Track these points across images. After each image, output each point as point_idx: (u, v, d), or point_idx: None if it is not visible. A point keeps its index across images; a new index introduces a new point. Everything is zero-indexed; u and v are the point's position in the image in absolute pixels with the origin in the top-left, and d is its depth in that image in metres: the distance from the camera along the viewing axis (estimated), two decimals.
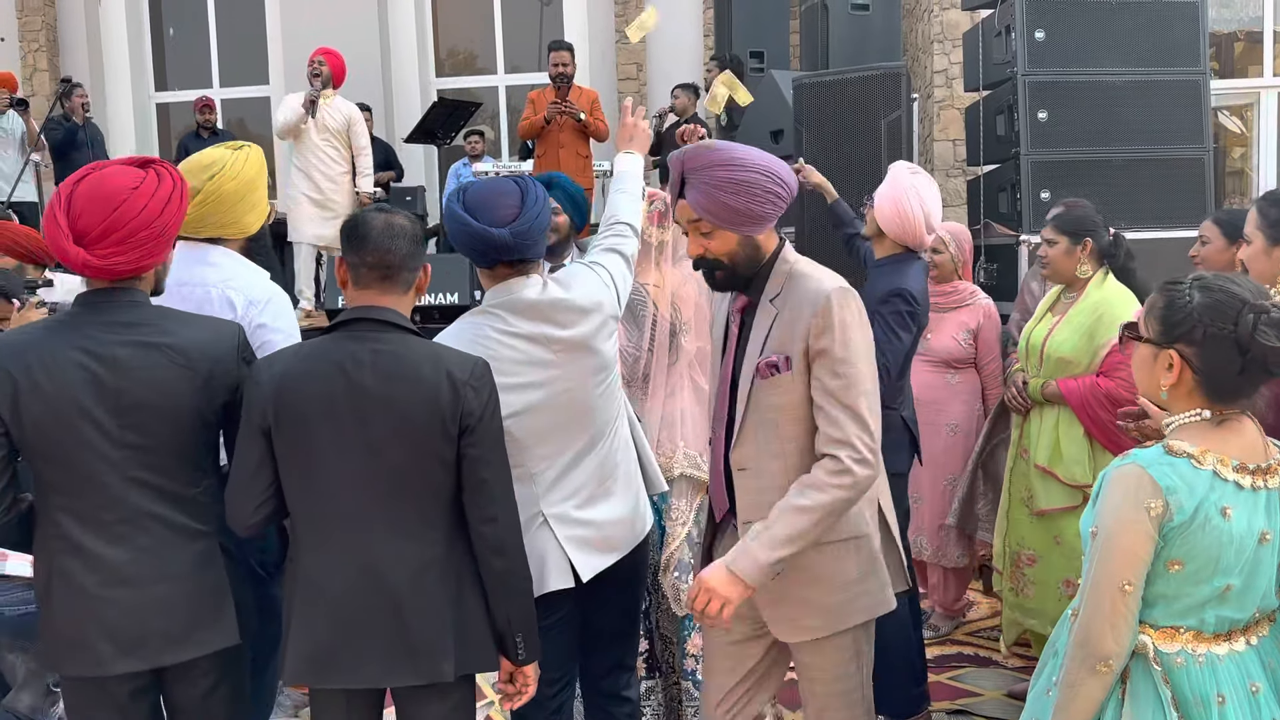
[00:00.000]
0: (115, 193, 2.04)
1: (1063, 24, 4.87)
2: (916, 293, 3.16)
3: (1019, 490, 3.55)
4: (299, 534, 2.08)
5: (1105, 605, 1.78)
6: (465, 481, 2.07)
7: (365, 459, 2.02)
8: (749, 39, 7.66)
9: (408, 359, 2.04)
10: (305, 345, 2.11)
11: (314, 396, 2.01)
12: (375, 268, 2.08)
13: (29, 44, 10.58)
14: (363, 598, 2.03)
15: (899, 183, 3.22)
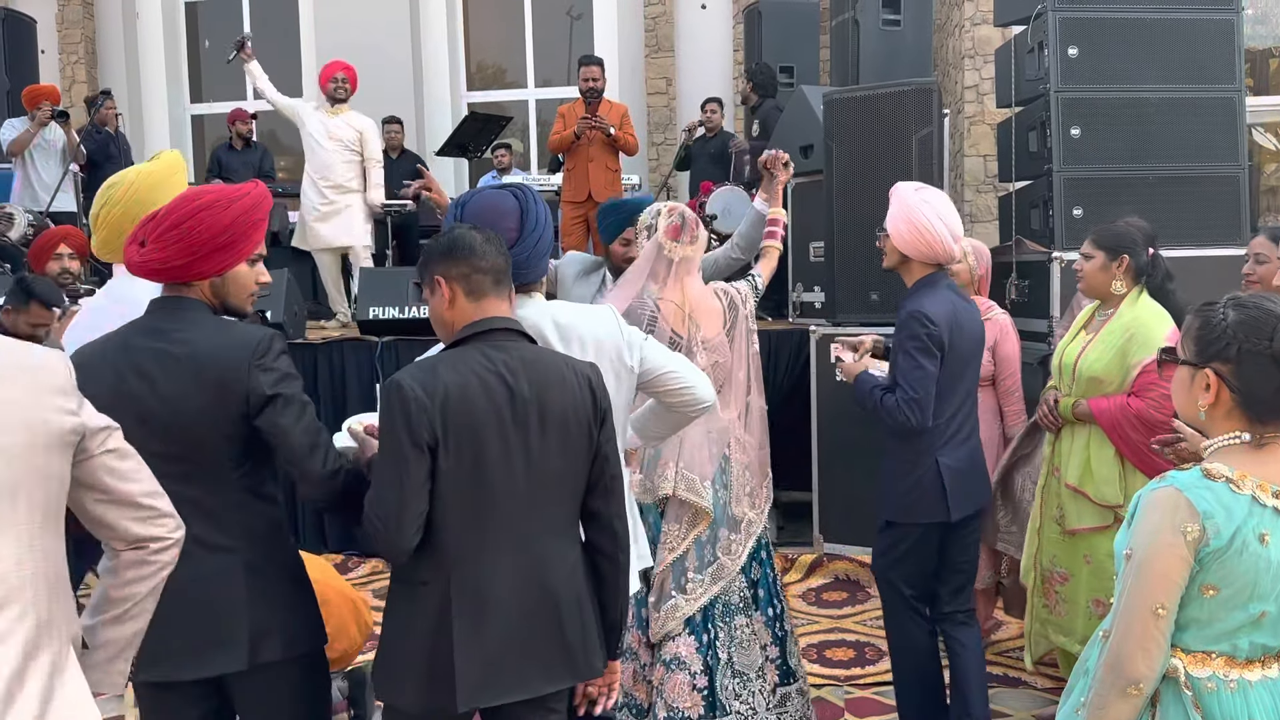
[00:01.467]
0: (185, 198, 2.12)
1: (1096, 41, 4.84)
2: (934, 313, 3.02)
3: (1050, 508, 3.52)
4: (452, 549, 2.04)
5: (1137, 628, 1.77)
6: (598, 479, 2.15)
7: (527, 464, 2.06)
8: (779, 54, 7.66)
9: (550, 365, 2.12)
10: (443, 358, 2.09)
11: (483, 408, 2.03)
12: (489, 273, 2.12)
13: (68, 56, 10.77)
14: (529, 603, 2.06)
15: (906, 200, 3.13)
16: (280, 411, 2.08)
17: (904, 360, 3.03)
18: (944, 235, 3.08)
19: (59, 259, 4.61)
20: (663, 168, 9.67)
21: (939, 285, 3.13)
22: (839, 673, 4.09)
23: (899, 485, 3.15)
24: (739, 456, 3.24)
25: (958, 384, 3.14)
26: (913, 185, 3.22)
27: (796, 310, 6.03)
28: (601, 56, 7.74)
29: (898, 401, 3.03)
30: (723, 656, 3.16)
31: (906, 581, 3.22)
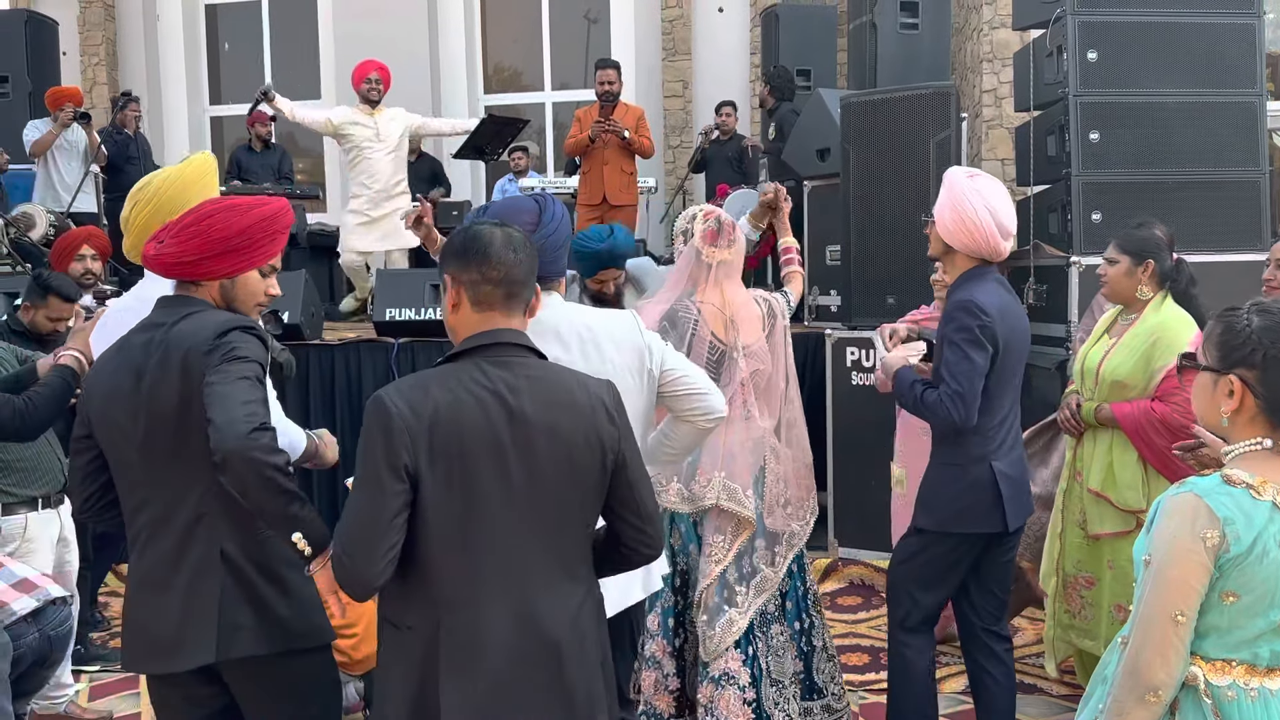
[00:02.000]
0: (209, 204, 2.14)
1: (1116, 45, 4.82)
2: (988, 304, 2.81)
3: (1073, 513, 3.50)
4: (440, 590, 1.82)
5: (1156, 635, 1.75)
6: (626, 507, 1.95)
7: (528, 494, 1.83)
8: (796, 57, 7.66)
9: (560, 385, 1.89)
10: (435, 374, 1.86)
11: (477, 430, 1.80)
12: (501, 284, 1.89)
13: (89, 58, 10.85)
14: (526, 652, 1.83)
15: (956, 187, 2.90)
16: (215, 372, 1.98)
17: (951, 352, 2.82)
18: (990, 229, 2.86)
19: (81, 260, 4.65)
20: (679, 171, 9.67)
21: (987, 278, 2.92)
22: (853, 678, 4.08)
23: (947, 491, 2.93)
24: (774, 466, 3.20)
25: (1010, 384, 2.94)
26: (966, 171, 2.99)
27: (812, 314, 6.02)
28: (618, 60, 7.75)
29: (940, 396, 2.83)
30: (764, 665, 3.15)
31: (926, 595, 3.01)
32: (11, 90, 8.13)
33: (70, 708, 3.85)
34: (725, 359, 3.10)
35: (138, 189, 2.45)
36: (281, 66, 11.21)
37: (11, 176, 7.64)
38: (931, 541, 2.97)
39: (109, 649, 4.51)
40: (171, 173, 2.47)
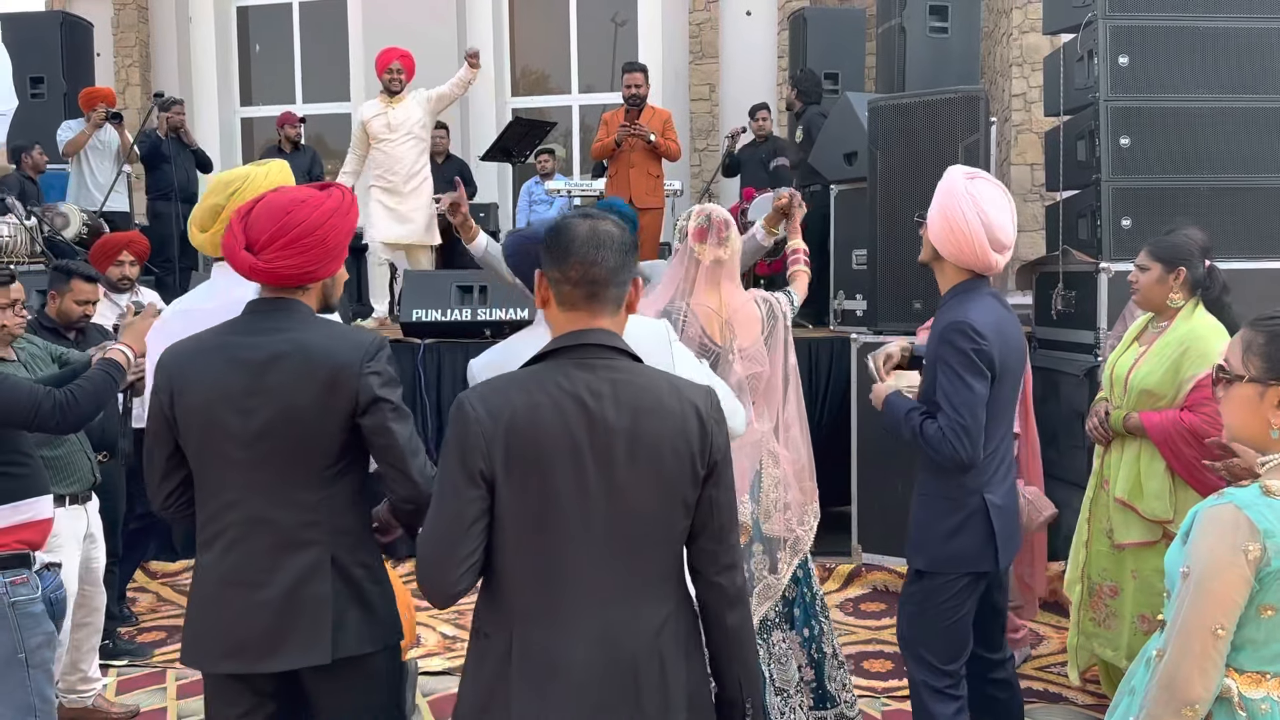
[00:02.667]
0: (286, 204, 2.12)
1: (1147, 49, 4.78)
2: (983, 325, 2.54)
3: (1099, 521, 3.47)
4: (515, 600, 1.76)
5: (1195, 648, 1.73)
6: (703, 526, 1.82)
7: (607, 505, 1.74)
8: (824, 60, 7.64)
9: (649, 389, 1.78)
10: (518, 376, 1.79)
11: (552, 435, 1.72)
12: (579, 284, 1.79)
13: (123, 59, 10.98)
14: (601, 670, 1.74)
15: (951, 190, 2.63)
16: (388, 414, 2.09)
17: (948, 380, 2.55)
18: (980, 240, 2.59)
19: (120, 265, 4.72)
20: (705, 174, 9.67)
21: (981, 292, 2.65)
22: (876, 684, 4.06)
23: (939, 528, 2.66)
24: (771, 470, 3.15)
25: (1006, 410, 2.69)
26: (966, 172, 2.69)
27: (837, 318, 6.00)
28: (645, 63, 7.76)
29: (942, 430, 2.55)
30: (766, 674, 3.10)
31: (944, 655, 2.69)
32: (47, 91, 8.25)
33: (98, 701, 3.89)
34: (720, 361, 3.04)
35: (226, 185, 2.40)
36: (311, 68, 11.31)
37: (47, 176, 7.75)
38: (932, 587, 2.69)
39: (136, 644, 4.56)
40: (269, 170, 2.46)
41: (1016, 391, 2.73)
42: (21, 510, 2.76)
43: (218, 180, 2.47)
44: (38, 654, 2.74)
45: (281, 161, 2.53)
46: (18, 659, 2.69)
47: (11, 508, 2.74)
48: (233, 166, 9.74)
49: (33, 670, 2.72)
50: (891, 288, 5.25)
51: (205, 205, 2.42)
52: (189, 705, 3.97)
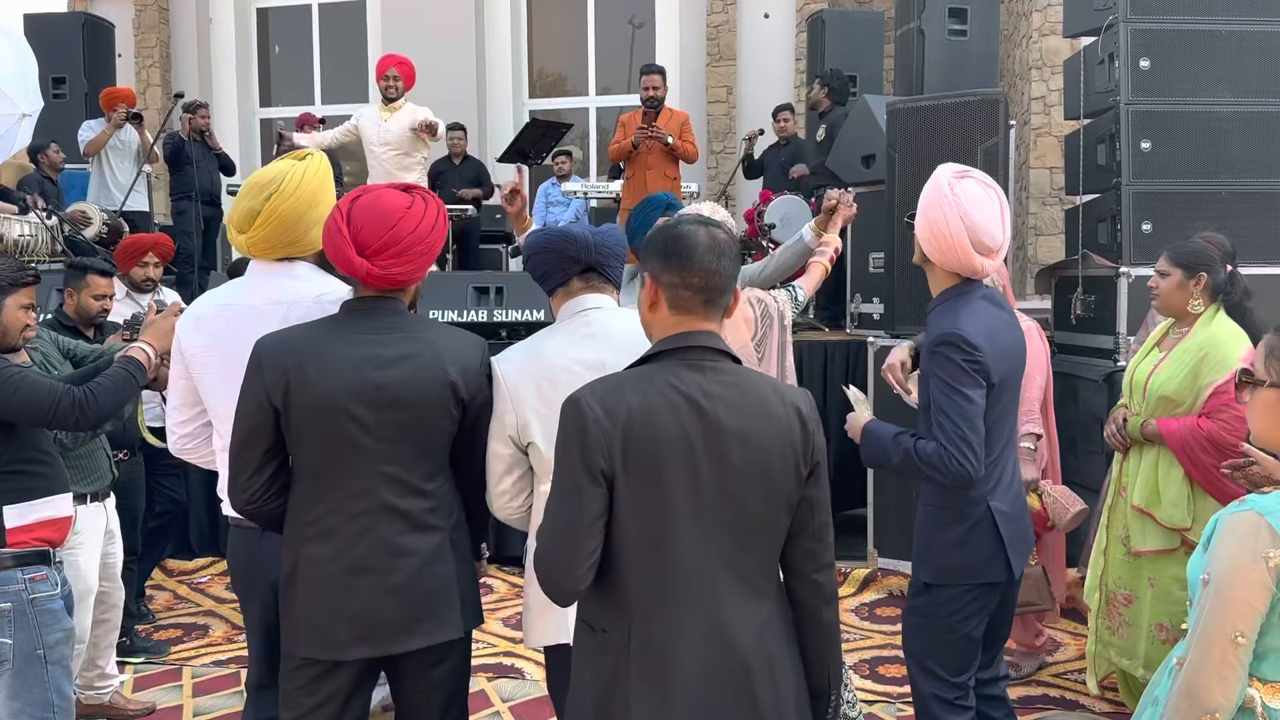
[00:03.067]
0: (391, 211, 2.19)
1: (1169, 52, 4.75)
2: (975, 335, 2.44)
3: (1116, 528, 3.45)
4: (632, 596, 1.78)
5: (1215, 656, 1.72)
6: (803, 526, 1.86)
7: (718, 505, 1.77)
8: (842, 63, 7.62)
9: (756, 392, 1.82)
10: (630, 375, 1.82)
11: (671, 436, 1.75)
12: (700, 291, 1.82)
13: (144, 60, 11.07)
14: (717, 667, 1.77)
15: (935, 190, 2.54)
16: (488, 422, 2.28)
17: (943, 394, 2.45)
18: (962, 244, 2.49)
19: (144, 266, 4.74)
20: (721, 176, 9.66)
21: (972, 296, 2.55)
22: (891, 689, 4.04)
23: (944, 539, 2.58)
24: None
25: (1006, 418, 2.60)
26: (955, 170, 2.58)
27: (854, 321, 5.98)
28: (663, 65, 7.77)
29: (943, 447, 2.43)
30: None
31: (953, 666, 2.61)
32: (69, 91, 8.31)
33: (115, 698, 3.91)
34: None
35: (266, 186, 2.40)
36: (330, 70, 11.36)
37: (68, 175, 7.81)
38: (940, 599, 2.60)
39: (153, 642, 4.58)
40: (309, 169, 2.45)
41: (1016, 397, 2.65)
42: (42, 508, 2.78)
43: (253, 182, 2.45)
44: (56, 650, 2.76)
45: (321, 154, 2.50)
46: (36, 655, 2.71)
47: (32, 505, 2.76)
48: (253, 167, 9.81)
49: (51, 667, 2.74)
50: (909, 290, 5.23)
51: (242, 208, 2.41)
52: (205, 703, 4.00)
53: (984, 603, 2.59)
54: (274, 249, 2.41)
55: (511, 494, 2.31)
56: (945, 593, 2.58)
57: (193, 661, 4.39)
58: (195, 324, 2.45)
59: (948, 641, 2.59)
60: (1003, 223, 2.52)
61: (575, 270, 2.34)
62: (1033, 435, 3.79)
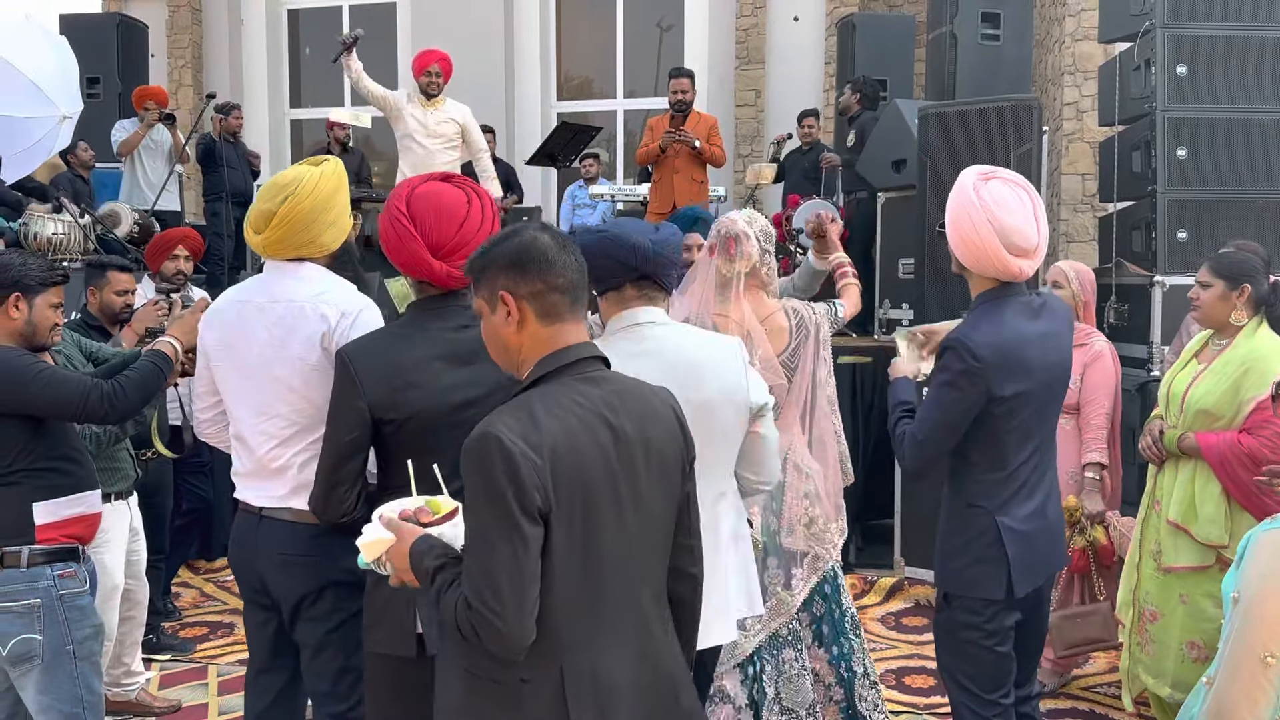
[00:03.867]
0: (455, 208, 2.23)
1: (1206, 59, 4.69)
2: (982, 344, 2.40)
3: (1149, 543, 3.39)
4: (561, 635, 1.67)
5: (1244, 676, 1.69)
6: (682, 522, 1.86)
7: (636, 520, 1.73)
8: (872, 67, 7.58)
9: (642, 395, 1.79)
10: (537, 399, 1.70)
11: (594, 460, 1.67)
12: (567, 290, 1.75)
13: (176, 61, 11.17)
14: (651, 687, 1.74)
15: (961, 196, 2.48)
16: None
17: (930, 392, 2.49)
18: (993, 247, 2.42)
19: (175, 259, 4.75)
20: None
21: (1004, 305, 2.48)
22: (918, 700, 4.00)
23: (947, 546, 2.58)
24: (795, 483, 3.06)
25: (1028, 430, 2.51)
26: (980, 172, 2.51)
27: (883, 327, 5.94)
28: (691, 68, 7.75)
29: (906, 434, 2.53)
30: (769, 691, 3.01)
31: (984, 683, 2.55)
32: (102, 91, 8.40)
33: (141, 695, 3.94)
34: None
35: (282, 189, 2.45)
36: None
37: (101, 175, 7.89)
38: (957, 613, 2.56)
39: (179, 639, 4.61)
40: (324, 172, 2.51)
41: (1046, 414, 2.56)
42: (73, 504, 2.79)
43: (271, 184, 2.51)
44: (85, 646, 2.78)
45: (336, 160, 2.56)
46: (66, 651, 2.73)
47: (63, 502, 2.77)
48: (282, 168, 9.86)
49: (80, 662, 2.76)
50: (939, 296, 5.18)
51: (259, 209, 2.48)
52: (230, 701, 4.01)
53: (998, 620, 2.52)
54: (287, 249, 2.50)
55: None
56: (959, 604, 2.55)
57: (218, 659, 4.42)
58: (211, 318, 2.57)
59: (973, 656, 2.55)
60: (1036, 221, 2.45)
61: (631, 277, 2.30)
62: (1097, 465, 3.72)
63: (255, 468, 2.50)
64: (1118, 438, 3.91)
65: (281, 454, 2.45)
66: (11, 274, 2.76)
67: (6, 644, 2.67)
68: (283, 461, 2.45)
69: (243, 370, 2.48)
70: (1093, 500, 3.70)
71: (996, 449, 2.48)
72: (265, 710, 2.62)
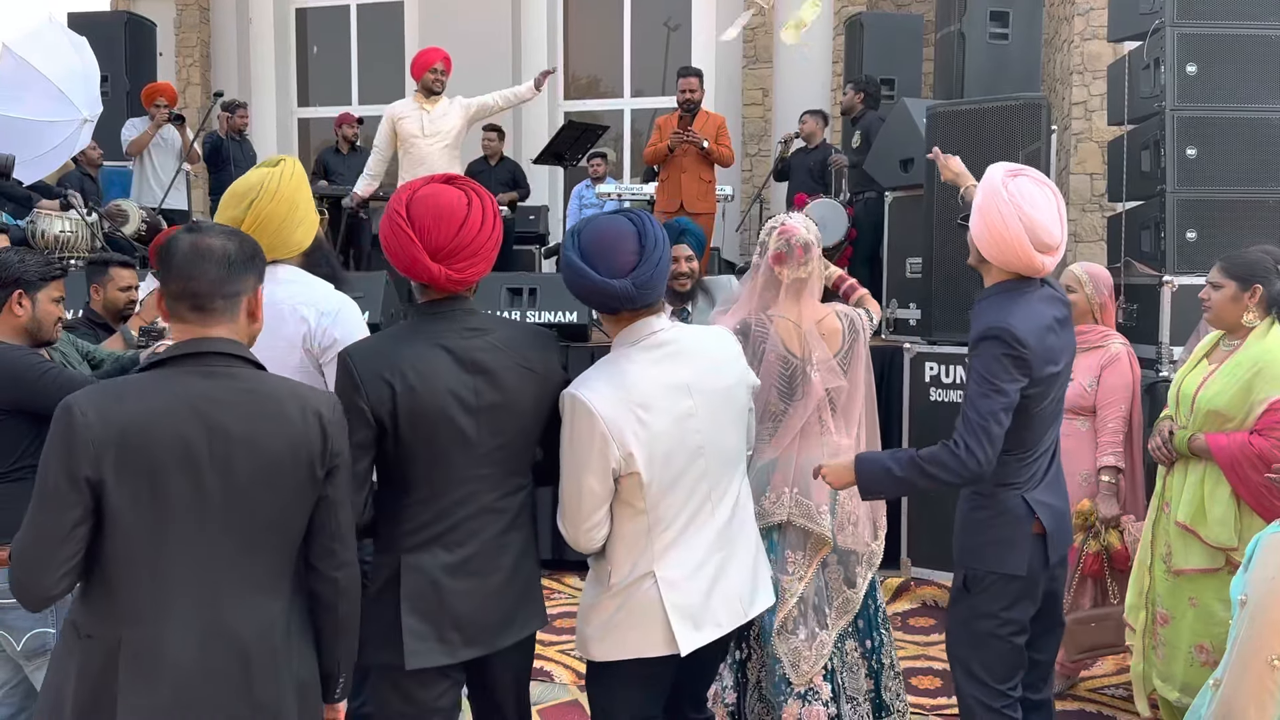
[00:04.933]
0: (454, 210, 2.20)
1: (1216, 58, 4.66)
2: (1024, 333, 2.45)
3: (1159, 545, 3.37)
4: (122, 603, 1.79)
5: (1251, 679, 1.69)
6: (322, 525, 1.93)
7: (222, 511, 1.81)
8: (881, 66, 7.56)
9: (271, 397, 1.86)
10: (136, 381, 1.83)
11: (170, 443, 1.76)
12: (180, 298, 1.86)
13: (184, 59, 11.20)
14: (212, 665, 1.81)
15: (991, 191, 2.52)
16: None
17: (976, 386, 2.45)
18: (1022, 242, 2.47)
19: None
20: (756, 179, 9.62)
21: (1024, 294, 2.53)
22: (925, 701, 3.99)
23: (972, 524, 2.62)
24: None
25: (1048, 418, 2.60)
26: (1006, 169, 2.57)
27: (890, 327, 5.92)
28: (699, 67, 7.74)
29: (954, 441, 2.44)
30: (841, 682, 3.13)
31: (997, 672, 2.58)
32: (111, 89, 8.41)
33: None
34: (798, 374, 3.05)
35: (245, 195, 2.45)
36: (368, 70, 11.44)
37: (108, 172, 7.91)
38: (976, 601, 2.60)
39: None
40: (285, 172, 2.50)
41: (1060, 400, 2.64)
42: None
43: (232, 192, 2.51)
44: None
45: (294, 159, 2.56)
46: None
47: None
48: None
49: None
50: (947, 296, 5.17)
51: (226, 218, 2.48)
52: None
53: (1018, 609, 2.58)
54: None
55: (600, 525, 2.29)
56: (980, 588, 2.59)
57: None
58: None
59: (988, 644, 2.59)
60: (1060, 220, 2.52)
61: (615, 308, 2.31)
62: (1113, 469, 3.72)
63: None
64: (1137, 441, 3.88)
65: None
66: (12, 271, 2.78)
67: (21, 638, 2.71)
68: None
69: None
70: (1107, 504, 3.68)
71: (1028, 431, 2.54)
72: None
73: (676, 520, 2.30)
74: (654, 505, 2.28)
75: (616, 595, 2.31)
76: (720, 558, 2.36)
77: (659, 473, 2.26)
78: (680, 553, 2.31)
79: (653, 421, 2.23)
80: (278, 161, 2.52)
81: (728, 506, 2.40)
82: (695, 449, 2.31)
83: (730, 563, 2.38)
